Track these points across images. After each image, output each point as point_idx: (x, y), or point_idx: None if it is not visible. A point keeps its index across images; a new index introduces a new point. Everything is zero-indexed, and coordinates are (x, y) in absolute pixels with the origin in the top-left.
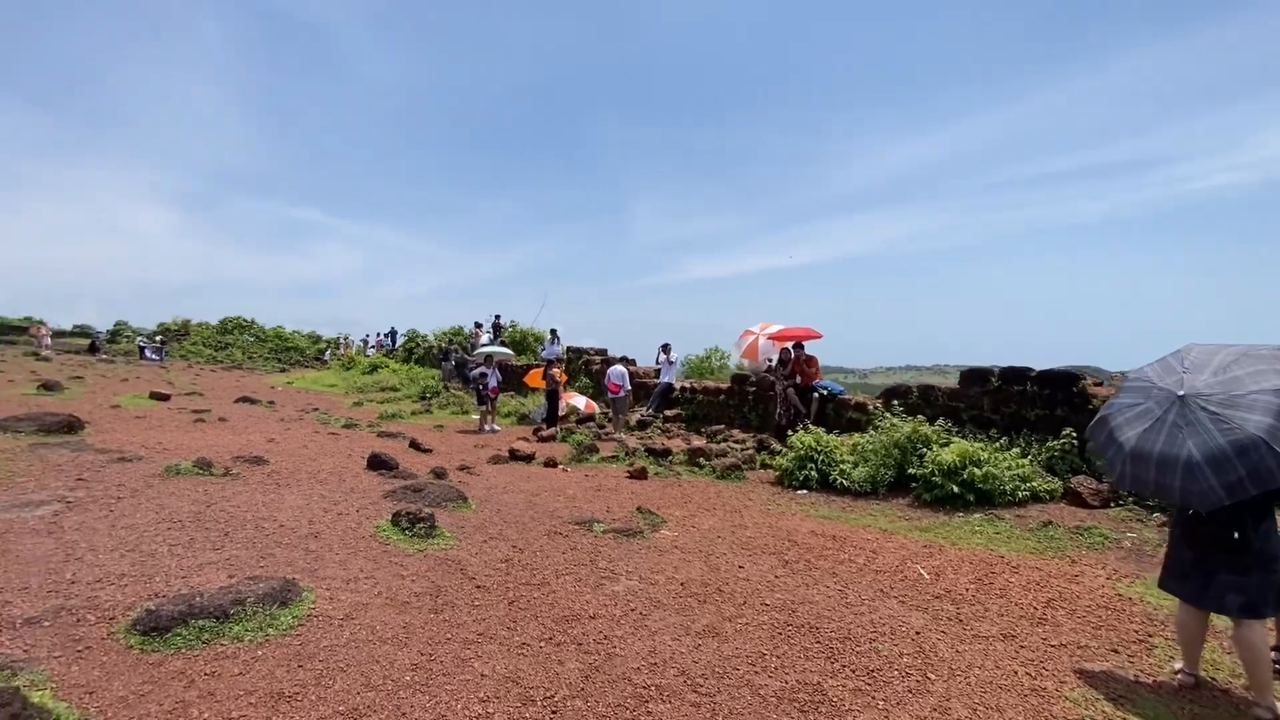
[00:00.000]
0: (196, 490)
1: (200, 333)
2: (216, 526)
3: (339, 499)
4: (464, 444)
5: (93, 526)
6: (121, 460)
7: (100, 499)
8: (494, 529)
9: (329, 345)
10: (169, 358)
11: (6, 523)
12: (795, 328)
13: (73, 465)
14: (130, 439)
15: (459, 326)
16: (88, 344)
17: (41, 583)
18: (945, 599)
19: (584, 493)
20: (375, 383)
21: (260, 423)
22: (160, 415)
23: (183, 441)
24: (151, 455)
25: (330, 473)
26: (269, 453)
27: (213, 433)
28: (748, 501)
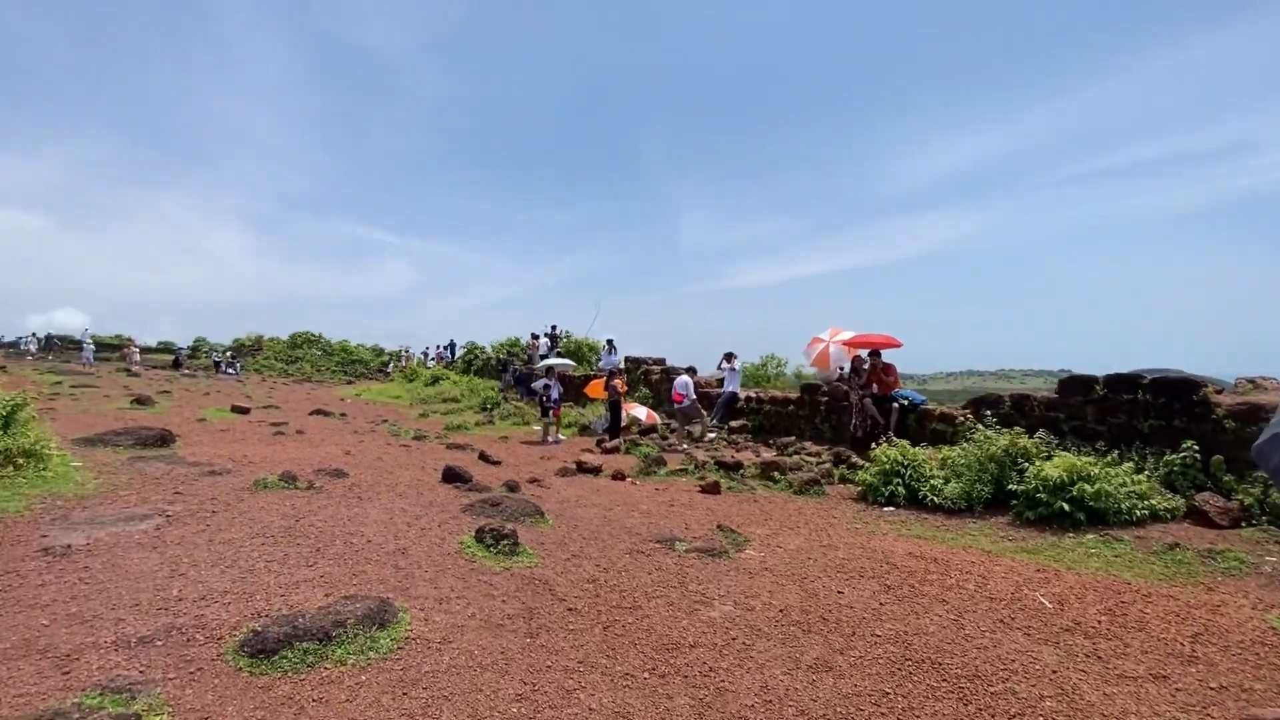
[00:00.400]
0: (284, 504)
1: (272, 348)
2: (307, 542)
3: (420, 513)
4: (529, 456)
5: (193, 541)
6: (212, 474)
7: (196, 512)
8: (574, 546)
9: (391, 358)
10: (244, 372)
11: (115, 536)
12: (871, 334)
13: (169, 479)
14: (217, 452)
15: (515, 338)
16: (172, 360)
17: (151, 599)
18: (1076, 632)
19: (657, 508)
20: (437, 394)
21: (335, 435)
22: (242, 428)
23: (265, 454)
24: (239, 468)
25: (407, 485)
26: (347, 465)
27: (292, 446)
28: (832, 519)
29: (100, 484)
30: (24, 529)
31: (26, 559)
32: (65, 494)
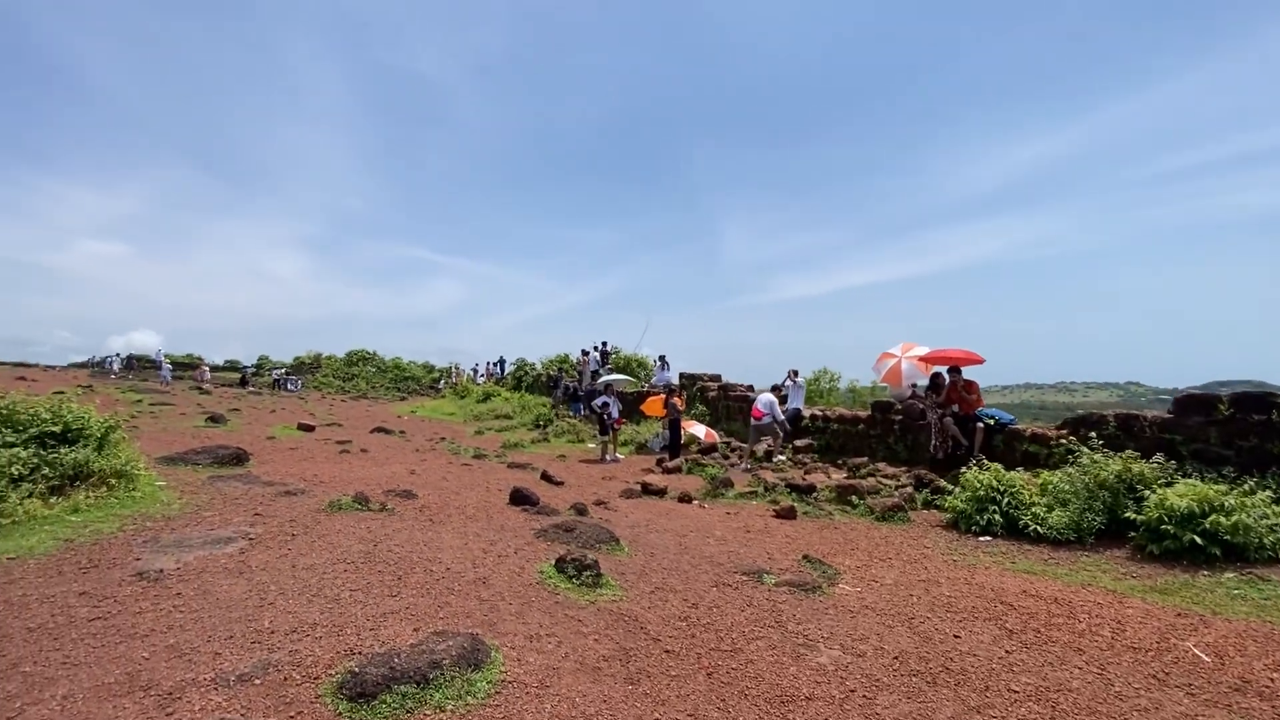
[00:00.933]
0: (360, 527)
1: (330, 365)
2: (388, 569)
3: (494, 538)
4: (590, 475)
5: (276, 566)
6: (288, 494)
7: (277, 535)
8: (656, 577)
9: (442, 374)
10: (305, 389)
11: (203, 561)
12: (951, 350)
13: (247, 499)
14: (289, 471)
15: (564, 354)
16: (239, 378)
17: (244, 631)
18: (1248, 693)
19: (733, 534)
20: (490, 410)
21: (398, 453)
22: (310, 446)
23: (334, 473)
24: (311, 488)
25: (476, 508)
26: (414, 485)
27: (358, 464)
28: (924, 549)
29: (184, 504)
30: (118, 551)
31: (123, 583)
32: (153, 515)
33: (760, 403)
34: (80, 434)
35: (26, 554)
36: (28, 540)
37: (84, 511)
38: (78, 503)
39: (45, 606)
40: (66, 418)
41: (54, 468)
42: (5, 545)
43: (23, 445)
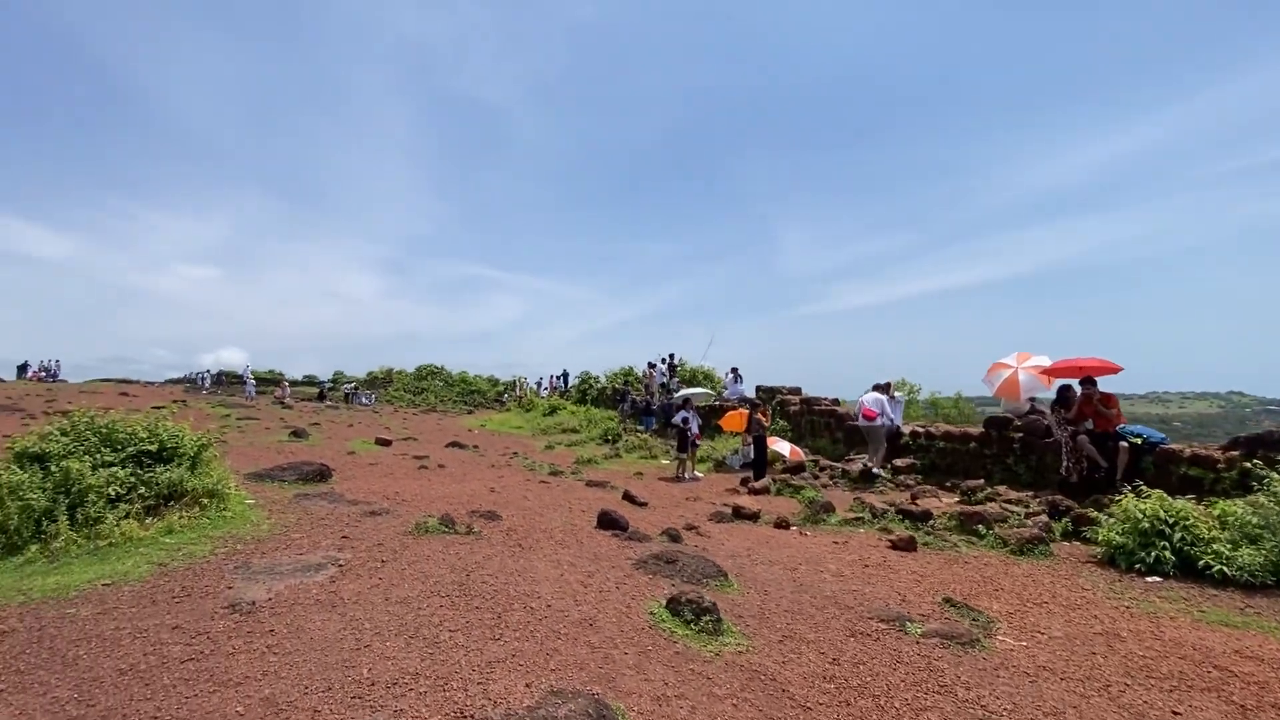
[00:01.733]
0: (448, 553)
1: (400, 380)
2: (485, 604)
3: (590, 569)
4: (672, 495)
5: (369, 599)
6: (373, 514)
7: (366, 562)
8: (779, 621)
9: (506, 388)
10: (378, 402)
11: (294, 590)
12: (1082, 359)
13: (333, 519)
14: (371, 488)
15: (629, 367)
16: (317, 393)
17: (342, 681)
18: None
19: (849, 569)
20: (557, 424)
21: (475, 469)
22: (389, 462)
23: (415, 491)
24: (395, 508)
25: (563, 531)
26: (496, 505)
27: (437, 481)
28: (1083, 592)
29: (273, 526)
30: (210, 578)
31: (215, 616)
32: (244, 536)
33: (869, 401)
34: (175, 452)
35: (121, 580)
36: (123, 564)
37: (178, 533)
38: (172, 523)
39: (138, 643)
40: (162, 436)
41: (150, 487)
42: (102, 570)
43: (120, 465)
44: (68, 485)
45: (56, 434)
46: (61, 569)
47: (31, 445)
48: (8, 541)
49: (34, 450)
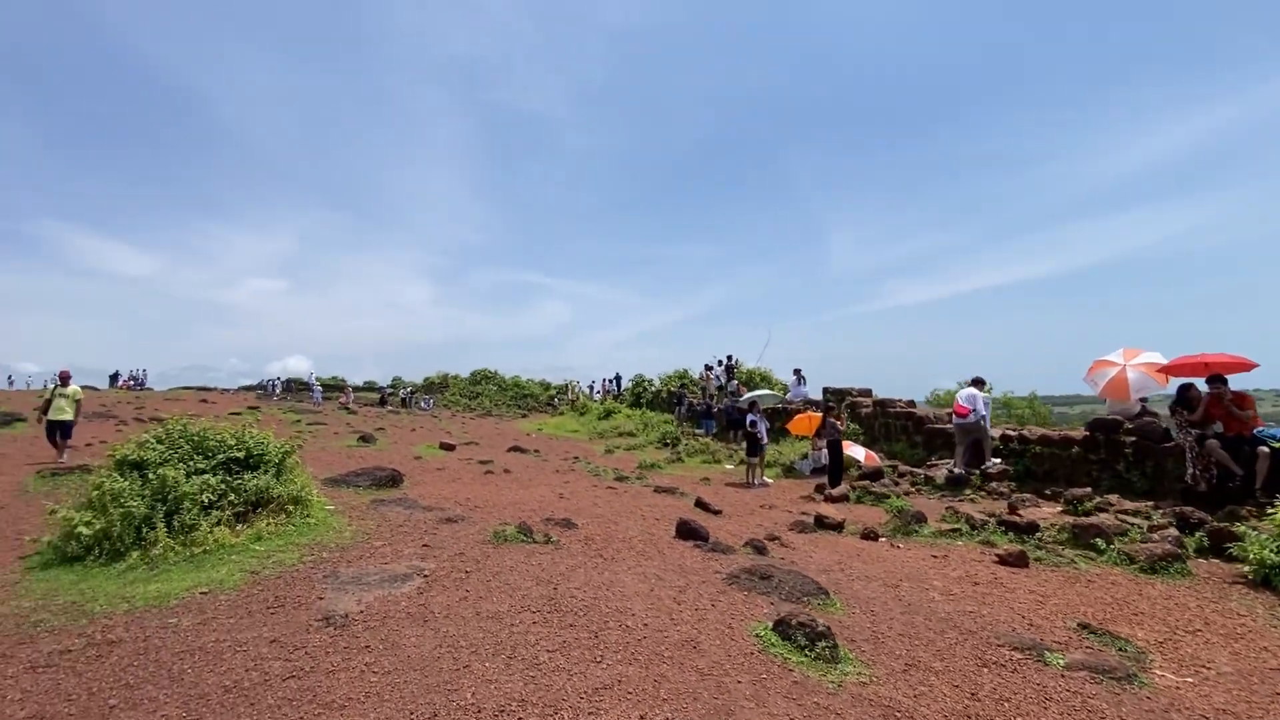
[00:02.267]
0: (531, 563)
1: (456, 385)
2: (578, 621)
3: (679, 583)
4: (744, 502)
5: (459, 613)
6: (449, 521)
7: (450, 573)
8: (897, 647)
9: (558, 392)
10: (436, 407)
11: (384, 603)
12: (1208, 355)
13: (411, 525)
14: (442, 493)
15: (684, 369)
16: (378, 398)
17: (447, 705)
18: None
19: (956, 585)
20: (613, 428)
21: (539, 474)
22: (455, 467)
23: (485, 496)
24: (469, 514)
25: (642, 541)
26: (569, 512)
27: (505, 486)
28: (1241, 619)
29: (355, 532)
30: (301, 587)
31: (311, 629)
32: (328, 544)
33: (963, 397)
34: (261, 460)
35: (218, 588)
36: (218, 572)
37: (266, 540)
38: (260, 530)
39: (239, 658)
40: (249, 444)
41: (239, 494)
42: (198, 577)
43: (211, 472)
44: (164, 492)
45: (153, 442)
46: (161, 576)
47: (130, 453)
48: (111, 548)
49: (133, 458)
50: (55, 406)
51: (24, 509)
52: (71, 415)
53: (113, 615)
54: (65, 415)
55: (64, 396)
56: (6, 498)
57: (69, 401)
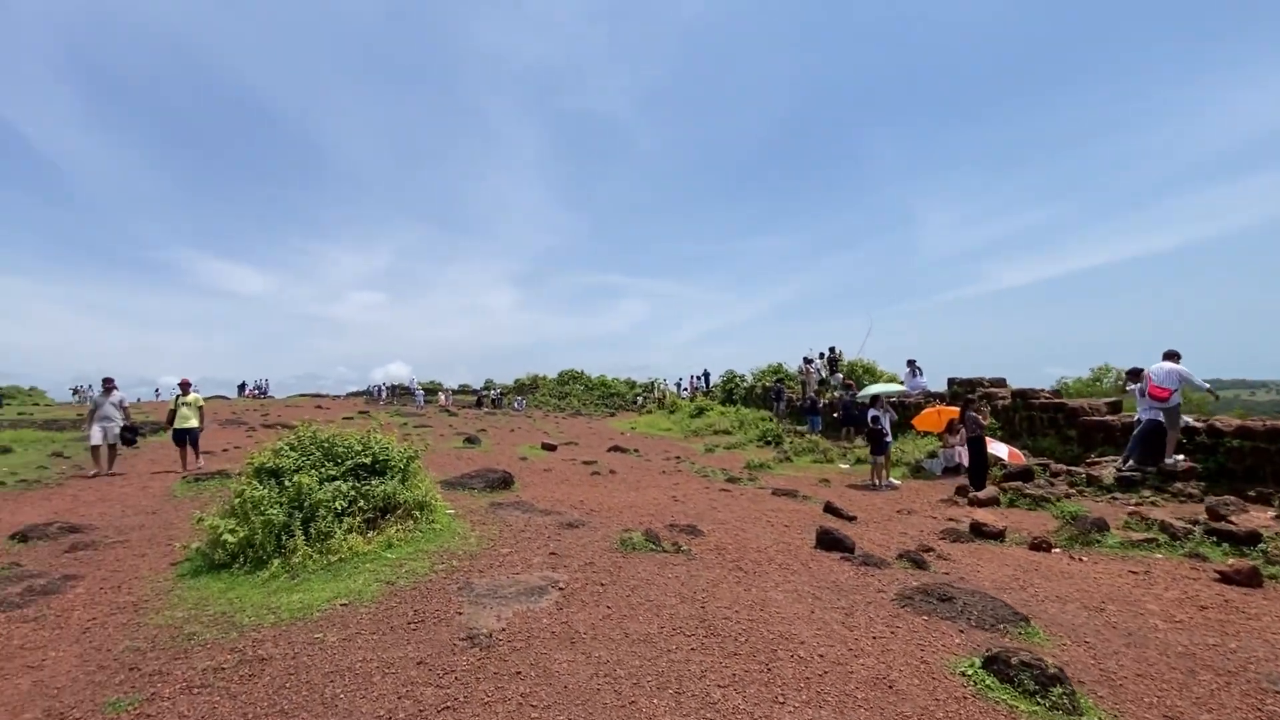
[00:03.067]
0: (667, 576)
1: (545, 385)
2: (741, 648)
3: (842, 604)
4: (877, 506)
5: (606, 633)
6: (570, 526)
7: (586, 586)
8: (1142, 692)
9: (643, 390)
10: (528, 407)
11: (524, 619)
12: None
13: (533, 531)
14: (554, 495)
15: (778, 363)
16: (474, 400)
17: None
18: None
19: (1179, 610)
20: (707, 426)
21: (646, 475)
22: (561, 468)
23: (598, 499)
24: (588, 519)
25: (780, 552)
26: (690, 517)
27: (614, 488)
28: None
29: (480, 538)
30: (438, 601)
31: (456, 650)
32: (456, 551)
33: (1160, 376)
34: (386, 465)
35: (356, 600)
36: (354, 582)
37: (396, 547)
38: (390, 537)
39: (389, 682)
40: (374, 449)
41: (367, 500)
42: (337, 588)
43: (342, 478)
44: (300, 500)
45: (286, 449)
46: (302, 585)
47: (267, 461)
48: (254, 555)
49: (269, 466)
50: (180, 415)
51: (173, 514)
52: (196, 422)
53: (261, 628)
54: (190, 423)
55: (187, 405)
56: (157, 502)
57: (192, 409)
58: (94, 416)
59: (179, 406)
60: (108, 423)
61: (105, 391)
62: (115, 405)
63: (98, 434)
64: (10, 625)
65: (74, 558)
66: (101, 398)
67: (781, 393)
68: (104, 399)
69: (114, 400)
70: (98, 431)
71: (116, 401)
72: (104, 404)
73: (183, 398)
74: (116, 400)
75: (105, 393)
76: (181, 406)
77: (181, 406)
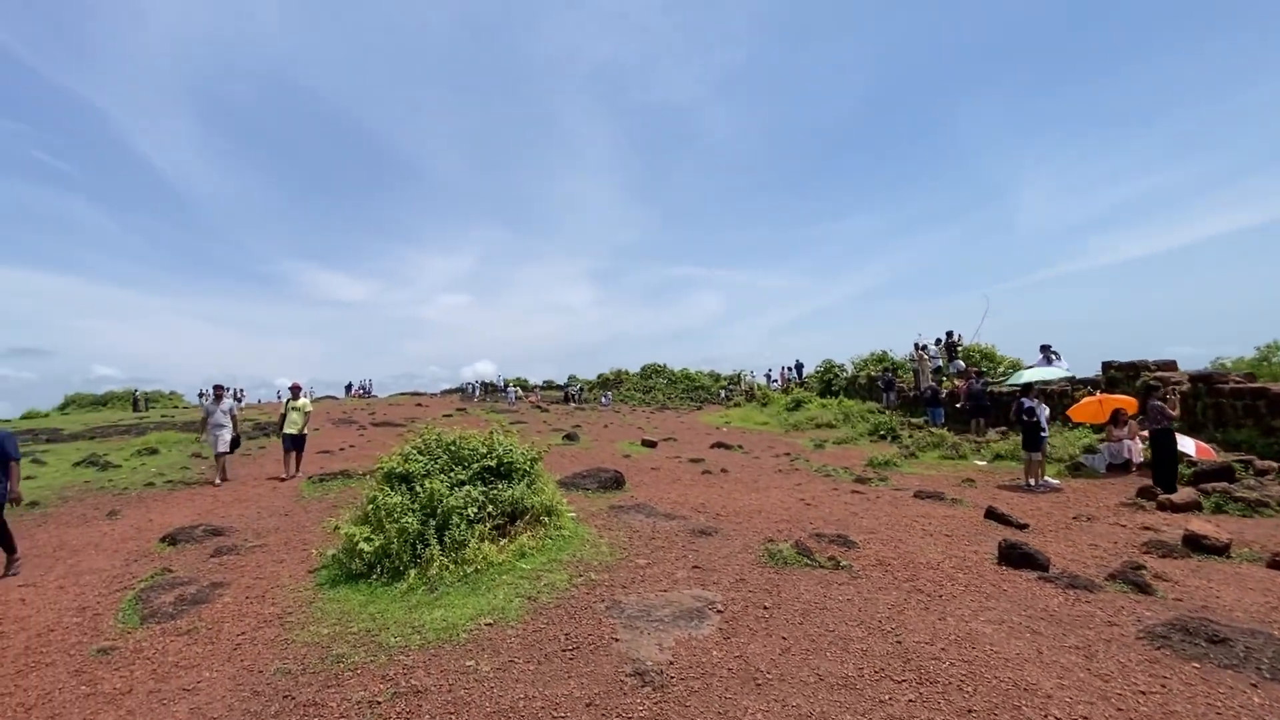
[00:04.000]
0: (835, 597)
1: (629, 380)
2: (972, 700)
3: (1069, 640)
4: (1045, 511)
5: (796, 675)
6: (702, 534)
7: (746, 608)
8: None
9: (729, 382)
10: (614, 402)
11: (692, 652)
12: None
13: (663, 538)
14: (669, 496)
15: (881, 351)
16: (563, 396)
17: None
18: None
19: None
20: (808, 419)
21: (760, 474)
22: (669, 466)
23: (720, 502)
24: (717, 525)
25: (957, 569)
26: (828, 523)
27: (732, 489)
28: None
29: (610, 547)
30: (588, 624)
31: (626, 689)
32: (591, 561)
33: None
34: (511, 468)
35: (500, 618)
36: (495, 597)
37: (530, 556)
38: (522, 545)
39: None
40: (499, 451)
41: (496, 505)
42: (478, 604)
43: (470, 483)
44: (433, 506)
45: (415, 453)
46: (442, 600)
47: (396, 465)
48: (390, 566)
49: (399, 470)
50: (288, 420)
51: (303, 515)
52: (301, 428)
53: (408, 651)
54: (295, 429)
55: (295, 410)
56: (287, 503)
57: (300, 414)
58: (207, 424)
59: (288, 411)
60: (220, 430)
61: (216, 399)
62: (226, 413)
63: (212, 442)
64: (165, 639)
65: (219, 563)
66: (212, 405)
67: (892, 382)
68: (215, 406)
69: (224, 407)
70: (212, 440)
71: (227, 409)
72: (215, 411)
73: (293, 402)
74: (227, 407)
75: (216, 399)
76: (291, 411)
77: (291, 411)
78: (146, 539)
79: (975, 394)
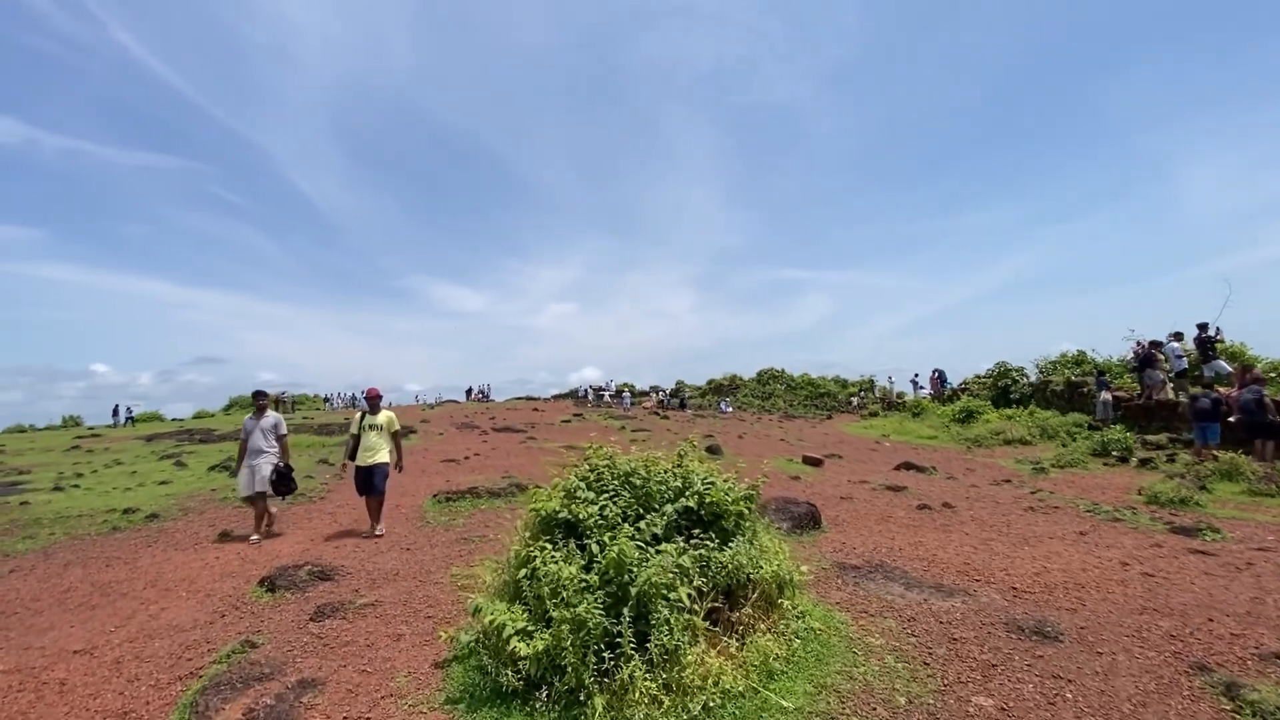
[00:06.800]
0: None
1: (745, 386)
2: None
3: None
4: None
5: None
6: (1029, 634)
7: None
8: None
9: (860, 389)
10: (732, 409)
11: None
12: None
13: (969, 641)
14: (893, 545)
15: (1079, 351)
16: (678, 402)
17: None
18: None
19: None
20: (991, 433)
21: (1007, 513)
22: (862, 495)
23: (984, 559)
24: (1043, 614)
25: None
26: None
27: (985, 536)
28: None
29: (895, 655)
30: None
31: None
32: (878, 690)
33: None
34: (716, 510)
35: None
36: None
37: (781, 678)
38: (764, 651)
39: None
40: (697, 486)
41: (705, 577)
42: None
43: (667, 536)
44: (621, 581)
45: (582, 488)
46: None
47: (559, 509)
48: (564, 687)
49: (562, 516)
50: (363, 445)
51: (429, 552)
52: (385, 456)
53: None
54: (378, 457)
55: (374, 429)
56: (410, 529)
57: (381, 435)
58: (244, 450)
59: (362, 431)
60: (257, 459)
61: (256, 412)
62: (268, 432)
63: (245, 480)
64: None
65: (318, 633)
66: (251, 422)
67: (1104, 385)
68: (253, 423)
69: (266, 425)
70: (245, 476)
71: (270, 426)
72: (254, 431)
73: (369, 417)
74: (270, 424)
75: (256, 414)
76: (367, 431)
77: (367, 431)
78: (249, 575)
79: (1248, 406)
